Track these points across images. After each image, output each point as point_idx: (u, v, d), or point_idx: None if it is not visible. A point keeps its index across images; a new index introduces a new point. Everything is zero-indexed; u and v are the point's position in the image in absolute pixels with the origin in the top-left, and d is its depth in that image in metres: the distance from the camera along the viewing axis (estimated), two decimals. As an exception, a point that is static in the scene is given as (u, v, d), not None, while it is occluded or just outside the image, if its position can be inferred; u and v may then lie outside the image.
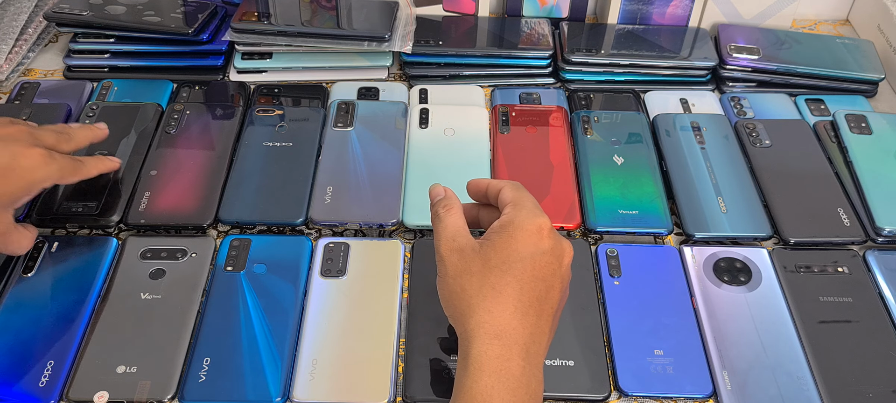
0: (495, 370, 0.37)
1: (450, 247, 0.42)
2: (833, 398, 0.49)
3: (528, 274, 0.40)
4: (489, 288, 0.39)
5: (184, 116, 0.68)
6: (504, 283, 0.39)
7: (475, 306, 0.39)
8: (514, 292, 0.39)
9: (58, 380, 0.49)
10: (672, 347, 0.52)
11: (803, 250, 0.59)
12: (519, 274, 0.40)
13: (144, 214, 0.59)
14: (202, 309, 0.54)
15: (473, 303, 0.39)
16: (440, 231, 0.43)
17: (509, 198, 0.43)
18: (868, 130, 0.67)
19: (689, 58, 0.74)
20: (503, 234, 0.41)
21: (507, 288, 0.39)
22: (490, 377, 0.37)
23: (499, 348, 0.38)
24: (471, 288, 0.40)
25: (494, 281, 0.39)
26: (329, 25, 0.73)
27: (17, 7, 0.77)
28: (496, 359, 0.37)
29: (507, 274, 0.39)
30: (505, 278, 0.39)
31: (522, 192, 0.44)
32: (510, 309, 0.39)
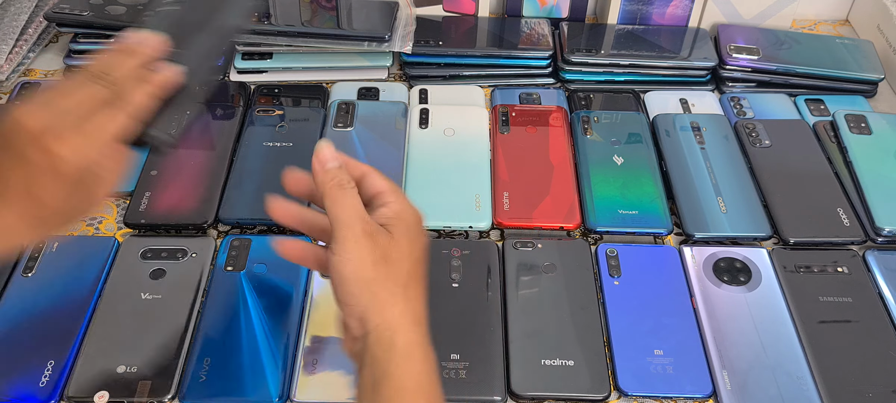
0: (422, 356, 0.39)
1: (365, 229, 0.39)
2: (833, 398, 0.49)
3: (424, 260, 0.42)
4: (407, 276, 0.40)
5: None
6: (417, 272, 0.41)
7: (397, 295, 0.39)
8: (422, 279, 0.41)
9: (58, 380, 0.49)
10: (672, 347, 0.52)
11: (803, 250, 0.59)
12: (422, 261, 0.42)
13: (144, 214, 0.59)
14: (202, 309, 0.54)
15: (396, 292, 0.39)
16: (351, 205, 0.40)
17: (385, 186, 0.43)
18: (868, 130, 0.67)
19: (689, 58, 0.75)
20: (403, 224, 0.41)
21: (418, 276, 0.41)
22: (419, 363, 0.38)
23: (419, 335, 0.39)
24: (392, 276, 0.39)
25: (411, 269, 0.40)
26: (329, 25, 0.73)
27: (17, 7, 0.77)
28: (419, 346, 0.39)
29: (418, 263, 0.41)
30: (417, 267, 0.41)
31: (387, 179, 0.44)
32: (420, 295, 0.41)
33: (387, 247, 0.39)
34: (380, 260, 0.39)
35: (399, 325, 0.39)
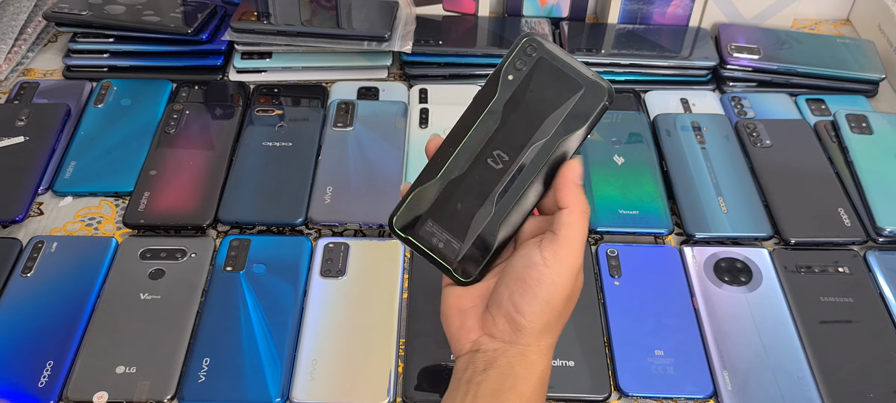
0: (545, 391, 0.39)
1: (580, 266, 0.39)
2: (833, 398, 0.49)
3: None
4: (569, 315, 0.40)
5: (183, 116, 0.68)
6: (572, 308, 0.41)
7: (556, 330, 0.40)
8: None
9: (57, 380, 0.49)
10: (672, 347, 0.52)
11: (804, 250, 0.58)
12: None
13: (144, 214, 0.59)
14: (202, 309, 0.53)
15: (557, 327, 0.40)
16: (583, 237, 0.39)
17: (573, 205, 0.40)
18: (869, 130, 0.67)
19: (690, 57, 0.74)
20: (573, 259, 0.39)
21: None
22: (545, 392, 0.39)
23: (549, 369, 0.40)
24: (565, 315, 0.40)
25: (571, 305, 0.40)
26: (329, 25, 0.73)
27: (16, 7, 0.77)
28: (547, 380, 0.40)
29: (574, 298, 0.40)
30: (574, 302, 0.41)
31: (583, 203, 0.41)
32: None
33: (576, 289, 0.40)
34: (569, 298, 0.39)
35: (545, 354, 0.39)
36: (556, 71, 0.40)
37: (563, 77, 0.40)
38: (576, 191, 0.39)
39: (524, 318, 0.38)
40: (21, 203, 0.60)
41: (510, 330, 0.38)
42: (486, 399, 0.37)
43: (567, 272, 0.38)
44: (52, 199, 0.63)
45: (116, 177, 0.63)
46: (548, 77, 0.40)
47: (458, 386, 0.39)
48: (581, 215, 0.38)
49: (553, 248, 0.38)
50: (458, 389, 0.38)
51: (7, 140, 0.65)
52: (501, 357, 0.38)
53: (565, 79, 0.40)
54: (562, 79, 0.40)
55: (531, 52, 0.40)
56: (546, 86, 0.40)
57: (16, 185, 0.61)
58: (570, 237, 0.38)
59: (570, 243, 0.38)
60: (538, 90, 0.40)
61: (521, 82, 0.40)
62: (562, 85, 0.40)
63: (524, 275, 0.38)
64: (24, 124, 0.66)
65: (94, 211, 0.62)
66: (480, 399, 0.37)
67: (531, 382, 0.38)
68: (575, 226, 0.38)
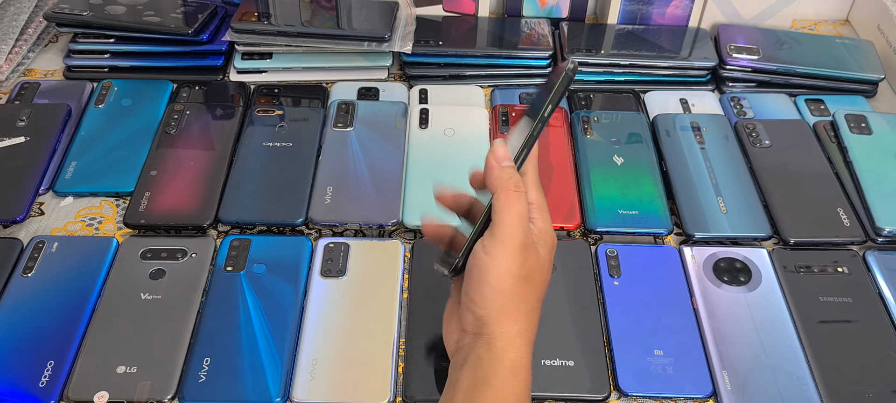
0: (524, 378, 0.39)
1: (523, 243, 0.38)
2: (833, 398, 0.49)
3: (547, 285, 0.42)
4: (535, 299, 0.40)
5: (184, 116, 0.68)
6: (541, 295, 0.41)
7: (522, 314, 0.39)
8: (541, 303, 0.41)
9: (58, 380, 0.49)
10: (672, 347, 0.52)
11: (803, 250, 0.58)
12: (546, 286, 0.42)
13: (144, 214, 0.59)
14: (202, 309, 0.54)
15: (522, 310, 0.39)
16: (518, 213, 0.38)
17: (535, 199, 0.41)
18: (868, 130, 0.67)
19: (689, 58, 0.74)
20: (547, 246, 0.41)
21: (541, 300, 0.41)
22: (521, 383, 0.39)
23: (528, 357, 0.40)
24: (526, 295, 0.39)
25: (539, 292, 0.40)
26: (329, 25, 0.73)
27: (17, 7, 0.77)
28: (525, 367, 0.39)
29: (543, 287, 0.41)
30: (542, 291, 0.41)
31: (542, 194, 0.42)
32: (538, 320, 0.41)
33: (532, 267, 0.39)
34: (522, 278, 0.39)
35: (513, 341, 0.39)
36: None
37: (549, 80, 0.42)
38: (496, 172, 0.39)
39: (478, 307, 0.39)
40: (22, 203, 0.60)
41: (473, 321, 0.39)
42: (463, 395, 0.38)
43: (505, 252, 0.38)
44: (52, 199, 0.63)
45: (117, 177, 0.63)
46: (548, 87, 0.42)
47: (446, 387, 0.40)
48: (507, 193, 0.38)
49: (490, 234, 0.39)
50: (446, 390, 0.40)
51: (8, 140, 0.65)
52: (472, 350, 0.39)
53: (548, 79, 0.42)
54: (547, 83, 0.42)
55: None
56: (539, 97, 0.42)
57: (17, 185, 0.61)
58: (501, 220, 0.38)
59: (502, 225, 0.38)
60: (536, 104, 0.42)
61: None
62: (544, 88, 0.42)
63: (471, 266, 0.39)
64: (25, 124, 0.66)
65: (94, 211, 0.62)
66: (459, 395, 0.38)
67: (502, 373, 0.38)
68: (504, 208, 0.38)
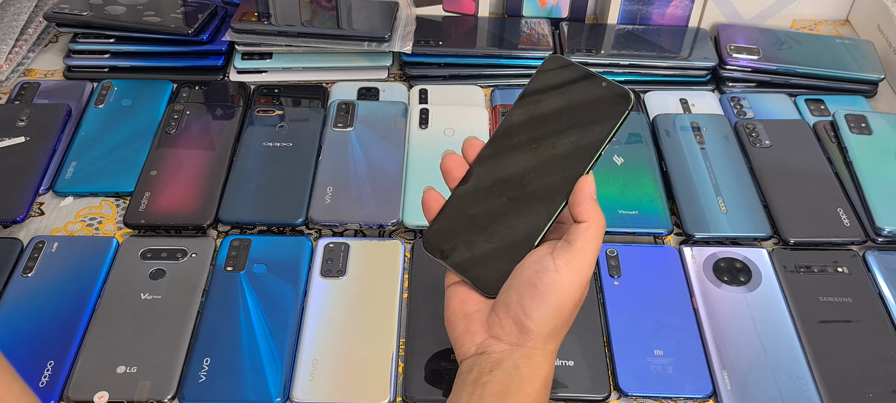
0: (547, 394, 0.40)
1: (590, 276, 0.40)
2: (833, 398, 0.49)
3: None
4: (572, 320, 0.41)
5: (184, 116, 0.68)
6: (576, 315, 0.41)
7: (561, 336, 0.40)
8: None
9: (58, 380, 0.49)
10: (672, 347, 0.52)
11: (803, 250, 0.59)
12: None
13: (144, 214, 0.59)
14: (202, 310, 0.54)
15: (563, 332, 0.40)
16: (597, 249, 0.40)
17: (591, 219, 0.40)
18: (868, 130, 0.67)
19: (689, 58, 0.74)
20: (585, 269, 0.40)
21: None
22: (548, 395, 0.40)
23: (552, 374, 0.40)
24: (571, 320, 0.40)
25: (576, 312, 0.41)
26: (329, 25, 0.73)
27: (17, 7, 0.77)
28: (550, 384, 0.40)
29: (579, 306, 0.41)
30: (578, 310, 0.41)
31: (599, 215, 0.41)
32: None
33: (583, 296, 0.40)
34: (576, 305, 0.40)
35: (549, 358, 0.39)
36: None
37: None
38: (593, 205, 0.40)
39: (533, 322, 0.38)
40: (22, 203, 0.60)
41: (517, 332, 0.39)
42: (492, 399, 0.37)
43: (578, 280, 0.38)
44: (52, 199, 0.63)
45: (117, 177, 0.63)
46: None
47: (464, 387, 0.39)
48: (598, 229, 0.39)
49: (566, 257, 0.38)
50: (463, 390, 0.39)
51: (8, 140, 0.65)
52: (507, 358, 0.38)
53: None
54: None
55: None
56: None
57: (17, 185, 0.61)
58: (585, 249, 0.39)
59: (584, 254, 0.39)
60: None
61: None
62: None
63: (535, 280, 0.38)
64: (25, 124, 0.66)
65: (94, 211, 0.62)
66: (486, 399, 0.37)
67: (536, 384, 0.38)
68: (591, 240, 0.39)
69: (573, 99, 0.41)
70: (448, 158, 0.43)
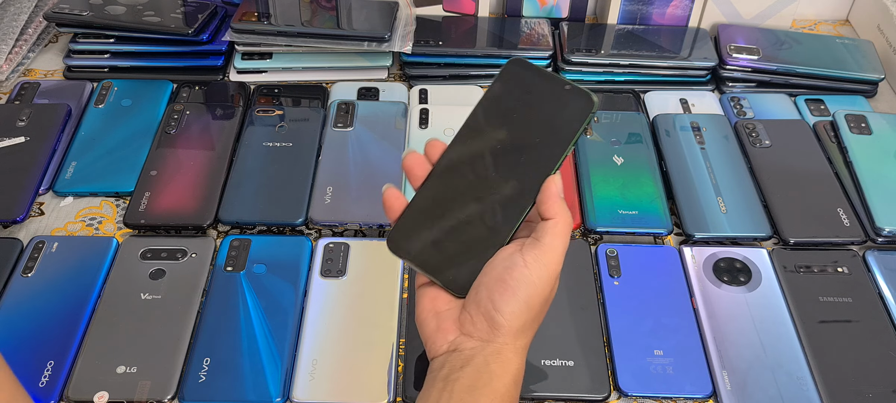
0: (518, 389, 0.40)
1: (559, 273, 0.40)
2: (833, 398, 0.49)
3: None
4: (542, 316, 0.41)
5: (184, 116, 0.68)
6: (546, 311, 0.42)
7: (530, 331, 0.41)
8: None
9: (58, 380, 0.49)
10: (672, 347, 0.52)
11: (803, 250, 0.58)
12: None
13: (144, 214, 0.59)
14: (202, 310, 0.54)
15: (533, 328, 0.41)
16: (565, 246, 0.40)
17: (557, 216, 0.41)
18: (868, 130, 0.67)
19: (689, 58, 0.74)
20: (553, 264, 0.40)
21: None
22: (519, 391, 0.40)
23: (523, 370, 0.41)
24: (540, 316, 0.41)
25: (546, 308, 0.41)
26: (329, 25, 0.73)
27: (17, 7, 0.77)
28: (521, 379, 0.40)
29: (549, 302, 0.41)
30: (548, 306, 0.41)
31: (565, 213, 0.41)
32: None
33: (553, 292, 0.41)
34: (545, 302, 0.40)
35: (520, 353, 0.40)
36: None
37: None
38: (560, 203, 0.40)
39: (503, 317, 0.39)
40: (22, 203, 0.60)
41: (488, 328, 0.39)
42: (462, 394, 0.38)
43: (547, 275, 0.39)
44: (52, 199, 0.63)
45: (117, 177, 0.63)
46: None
47: (434, 383, 0.39)
48: (565, 225, 0.40)
49: (535, 253, 0.39)
50: (434, 386, 0.39)
51: (8, 140, 0.65)
52: (478, 355, 0.39)
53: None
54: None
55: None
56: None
57: (17, 186, 0.61)
58: (553, 245, 0.39)
59: (552, 250, 0.39)
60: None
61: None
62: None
63: (505, 276, 0.39)
64: (25, 124, 0.66)
65: (94, 211, 0.62)
66: (456, 394, 0.38)
67: (506, 379, 0.38)
68: (559, 236, 0.40)
69: (537, 101, 0.42)
70: (409, 157, 0.43)
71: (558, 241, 0.40)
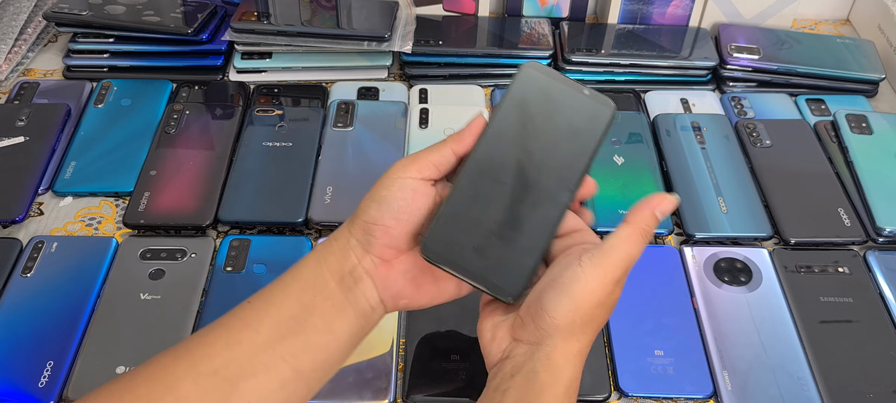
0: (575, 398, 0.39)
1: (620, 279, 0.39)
2: (833, 398, 0.49)
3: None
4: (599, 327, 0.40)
5: (183, 116, 0.68)
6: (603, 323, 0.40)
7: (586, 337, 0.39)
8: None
9: (57, 380, 0.49)
10: (672, 347, 0.52)
11: (804, 250, 0.58)
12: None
13: (144, 214, 0.59)
14: (202, 310, 0.53)
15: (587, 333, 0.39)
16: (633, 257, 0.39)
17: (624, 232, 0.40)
18: (868, 130, 0.67)
19: (690, 58, 0.74)
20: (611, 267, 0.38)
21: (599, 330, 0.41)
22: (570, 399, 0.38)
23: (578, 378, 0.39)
24: (596, 322, 0.39)
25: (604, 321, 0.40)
26: (329, 25, 0.73)
27: (16, 7, 0.77)
28: (575, 390, 0.39)
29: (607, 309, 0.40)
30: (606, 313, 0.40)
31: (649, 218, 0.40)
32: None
33: (609, 301, 0.39)
34: (599, 305, 0.38)
35: (571, 362, 0.38)
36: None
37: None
38: (647, 217, 0.39)
39: (548, 313, 0.37)
40: (21, 203, 0.60)
41: (535, 329, 0.38)
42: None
43: (601, 275, 0.37)
44: (52, 199, 0.63)
45: (116, 177, 0.63)
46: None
47: (486, 394, 0.38)
48: (636, 234, 0.38)
49: (592, 253, 0.38)
50: (485, 396, 0.38)
51: (7, 140, 0.65)
52: (528, 362, 0.37)
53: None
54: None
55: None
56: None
57: (16, 185, 0.61)
58: (614, 247, 0.38)
59: (613, 253, 0.38)
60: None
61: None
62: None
63: (557, 277, 0.38)
64: (25, 124, 0.66)
65: (94, 211, 0.62)
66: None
67: (556, 391, 0.37)
68: (622, 240, 0.38)
69: (560, 106, 0.42)
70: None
71: (621, 245, 0.38)
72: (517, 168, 0.41)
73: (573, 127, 0.41)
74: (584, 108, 0.42)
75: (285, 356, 0.37)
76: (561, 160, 0.41)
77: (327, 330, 0.39)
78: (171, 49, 0.74)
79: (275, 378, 0.37)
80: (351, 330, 0.40)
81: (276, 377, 0.37)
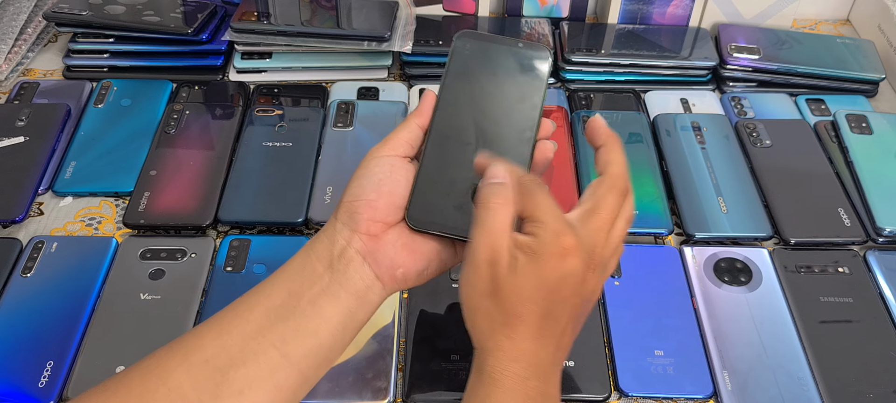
0: (511, 387, 0.37)
1: (487, 258, 0.36)
2: (833, 398, 0.49)
3: (553, 300, 0.37)
4: (512, 316, 0.37)
5: (183, 116, 0.68)
6: (527, 311, 0.37)
7: (496, 330, 0.37)
8: (536, 320, 0.37)
9: (57, 381, 0.49)
10: (672, 347, 0.52)
11: (804, 250, 0.58)
12: (542, 301, 0.37)
13: (144, 214, 0.59)
14: (202, 310, 0.53)
15: (495, 328, 0.37)
16: (484, 229, 0.37)
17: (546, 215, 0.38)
18: (869, 130, 0.67)
19: (690, 58, 0.74)
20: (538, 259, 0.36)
21: (530, 316, 0.37)
22: (505, 393, 0.37)
23: (517, 368, 0.37)
24: (494, 312, 0.37)
25: (519, 308, 0.37)
26: (329, 25, 0.73)
27: (16, 7, 0.77)
28: (512, 378, 0.37)
29: (530, 301, 0.37)
30: (528, 306, 0.37)
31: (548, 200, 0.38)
32: (531, 336, 0.37)
33: (501, 280, 0.36)
34: (486, 294, 0.37)
35: (490, 354, 0.37)
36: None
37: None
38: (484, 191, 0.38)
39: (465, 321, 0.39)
40: (21, 203, 0.60)
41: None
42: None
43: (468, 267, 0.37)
44: (52, 199, 0.63)
45: (116, 177, 0.63)
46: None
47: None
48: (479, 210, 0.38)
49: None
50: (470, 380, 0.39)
51: (7, 140, 0.65)
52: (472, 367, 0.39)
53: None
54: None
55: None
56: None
57: (16, 185, 0.61)
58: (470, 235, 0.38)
59: (469, 242, 0.38)
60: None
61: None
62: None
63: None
64: (25, 124, 0.66)
65: (94, 211, 0.62)
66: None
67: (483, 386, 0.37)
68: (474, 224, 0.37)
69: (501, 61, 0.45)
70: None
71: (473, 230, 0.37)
72: (477, 126, 0.44)
73: (518, 77, 0.45)
74: (523, 58, 0.45)
75: (275, 342, 0.38)
76: (515, 109, 0.44)
77: (316, 315, 0.39)
78: (171, 49, 0.74)
79: (265, 364, 0.37)
80: (343, 313, 0.39)
81: (266, 363, 0.37)
